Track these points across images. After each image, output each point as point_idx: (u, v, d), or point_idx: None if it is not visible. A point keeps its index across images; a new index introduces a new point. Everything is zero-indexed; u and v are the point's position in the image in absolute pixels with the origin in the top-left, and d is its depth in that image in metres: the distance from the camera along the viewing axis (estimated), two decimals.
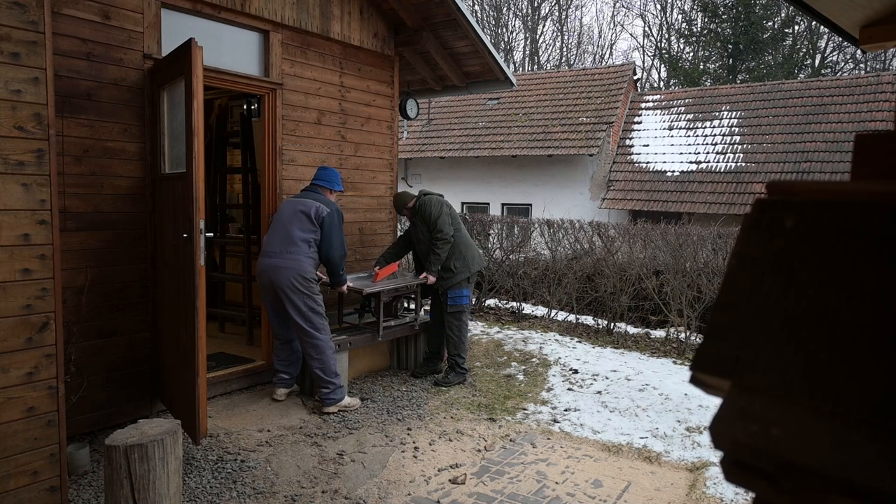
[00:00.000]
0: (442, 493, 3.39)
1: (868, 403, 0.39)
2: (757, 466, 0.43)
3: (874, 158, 0.54)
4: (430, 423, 4.33)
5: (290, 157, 4.89)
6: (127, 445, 2.43)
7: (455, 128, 15.53)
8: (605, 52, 30.14)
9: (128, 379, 3.91)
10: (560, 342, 6.53)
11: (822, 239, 0.44)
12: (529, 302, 8.22)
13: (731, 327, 0.47)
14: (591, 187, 13.86)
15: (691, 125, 13.97)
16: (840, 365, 0.41)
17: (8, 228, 2.50)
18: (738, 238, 0.49)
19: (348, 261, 5.46)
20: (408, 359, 5.56)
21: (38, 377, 2.63)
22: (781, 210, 0.47)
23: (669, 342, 6.58)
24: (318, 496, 3.32)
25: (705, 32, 23.29)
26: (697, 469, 3.76)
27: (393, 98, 5.82)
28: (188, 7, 4.13)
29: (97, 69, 3.66)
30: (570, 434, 4.26)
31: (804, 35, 22.74)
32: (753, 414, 0.44)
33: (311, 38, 4.98)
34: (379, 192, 5.76)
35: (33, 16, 2.53)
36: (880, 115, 12.13)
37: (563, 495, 3.40)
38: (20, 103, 2.51)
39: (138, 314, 3.94)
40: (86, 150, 3.64)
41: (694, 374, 0.49)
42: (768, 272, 0.46)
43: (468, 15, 5.49)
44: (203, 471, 3.47)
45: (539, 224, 8.44)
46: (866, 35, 2.62)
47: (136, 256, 3.91)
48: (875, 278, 0.41)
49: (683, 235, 7.11)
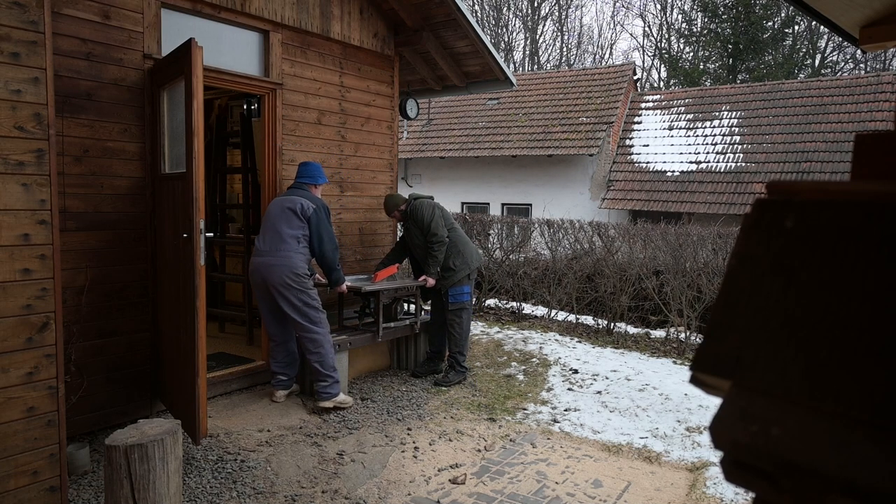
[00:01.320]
0: (442, 493, 3.39)
1: (868, 403, 0.39)
2: (757, 466, 0.43)
3: (874, 158, 0.54)
4: (430, 423, 4.33)
5: (290, 157, 4.88)
6: (127, 445, 2.43)
7: (455, 128, 15.53)
8: (605, 52, 30.15)
9: (128, 379, 3.91)
10: (560, 342, 6.53)
11: (822, 239, 0.44)
12: (529, 302, 8.22)
13: (731, 327, 0.47)
14: (591, 187, 13.86)
15: (691, 125, 13.97)
16: (840, 365, 0.41)
17: (8, 228, 2.50)
18: (738, 238, 0.49)
19: (348, 261, 5.46)
20: (408, 359, 5.56)
21: (38, 377, 2.63)
22: (781, 210, 0.47)
23: (669, 342, 6.58)
24: (318, 496, 3.32)
25: (705, 32, 23.29)
26: (697, 469, 3.76)
27: (393, 98, 5.82)
28: (188, 7, 4.13)
29: (97, 69, 3.66)
30: (570, 434, 4.26)
31: (804, 35, 22.74)
32: (753, 414, 0.44)
33: (311, 38, 4.97)
34: (379, 192, 5.76)
35: (33, 16, 2.53)
36: (880, 115, 12.13)
37: (563, 495, 3.40)
38: (20, 103, 2.51)
39: (138, 314, 3.94)
40: (86, 150, 3.64)
41: (694, 374, 0.49)
42: (768, 272, 0.46)
43: (468, 15, 5.49)
44: (203, 471, 3.47)
45: (539, 224, 8.44)
46: (866, 35, 2.62)
47: (136, 256, 3.91)
48: (875, 279, 0.41)
49: (683, 235, 7.11)
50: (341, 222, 5.39)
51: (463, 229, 8.55)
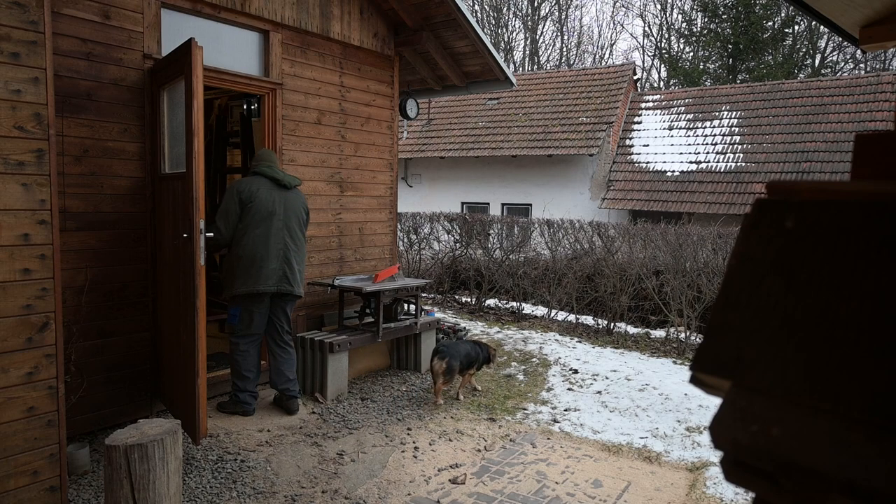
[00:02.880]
0: (442, 493, 3.39)
1: (868, 403, 0.39)
2: (757, 466, 0.43)
3: (874, 158, 0.54)
4: (430, 423, 4.33)
5: (290, 157, 4.89)
6: (127, 445, 2.43)
7: (455, 128, 15.52)
8: (605, 52, 30.14)
9: (128, 379, 3.91)
10: (560, 342, 6.54)
11: (822, 239, 0.44)
12: (529, 302, 8.22)
13: (730, 327, 0.47)
14: (591, 187, 13.86)
15: (691, 125, 13.96)
16: (840, 365, 0.41)
17: (8, 228, 2.50)
18: (738, 238, 0.49)
19: (348, 260, 5.47)
20: (408, 359, 5.57)
21: (38, 377, 2.63)
22: (781, 210, 0.47)
23: (669, 342, 6.58)
24: (318, 496, 3.32)
25: (705, 32, 23.28)
26: (697, 469, 3.76)
27: (393, 98, 5.82)
28: (188, 7, 4.13)
29: (97, 69, 3.66)
30: (570, 434, 4.26)
31: (804, 35, 22.73)
32: (753, 414, 0.44)
33: (311, 38, 4.98)
34: (379, 192, 5.76)
35: (33, 16, 2.53)
36: (880, 115, 12.13)
37: (563, 495, 3.40)
38: (20, 103, 2.51)
39: (138, 314, 3.94)
40: (86, 150, 3.64)
41: (694, 374, 0.49)
42: (768, 272, 0.46)
43: (468, 15, 5.49)
44: (203, 471, 3.47)
45: (539, 224, 8.44)
46: (866, 35, 2.62)
47: (136, 256, 3.91)
48: (875, 278, 0.41)
49: (683, 235, 7.11)
50: (341, 222, 5.39)
51: (462, 229, 8.20)
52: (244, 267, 3.99)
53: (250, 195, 4.01)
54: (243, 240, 4.00)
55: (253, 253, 3.99)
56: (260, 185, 4.08)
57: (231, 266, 4.06)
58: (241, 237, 4.01)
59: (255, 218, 4.00)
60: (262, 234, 4.01)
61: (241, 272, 4.00)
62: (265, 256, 4.01)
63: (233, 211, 4.00)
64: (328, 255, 5.27)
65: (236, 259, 4.02)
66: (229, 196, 4.05)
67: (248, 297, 4.03)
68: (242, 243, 4.00)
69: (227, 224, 4.00)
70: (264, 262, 4.00)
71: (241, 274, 4.00)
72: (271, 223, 4.05)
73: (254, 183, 4.07)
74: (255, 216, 4.01)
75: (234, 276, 4.02)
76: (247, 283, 3.99)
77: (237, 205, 4.00)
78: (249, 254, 3.99)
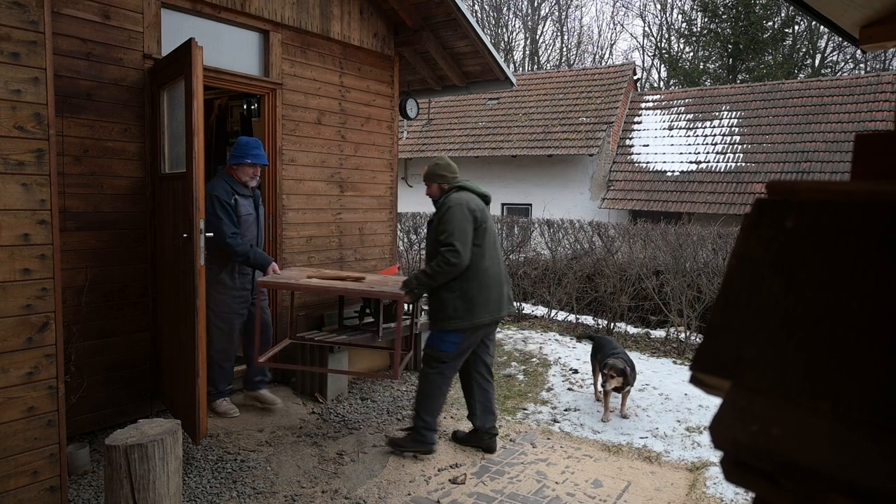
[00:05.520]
0: (442, 492, 3.39)
1: (868, 403, 0.39)
2: (757, 466, 0.43)
3: (874, 158, 0.54)
4: None
5: (290, 157, 4.89)
6: (127, 445, 2.43)
7: (455, 128, 15.52)
8: (604, 52, 30.14)
9: (128, 379, 3.91)
10: (560, 342, 6.54)
11: (822, 239, 0.44)
12: (529, 302, 8.22)
13: (730, 327, 0.47)
14: (591, 187, 13.86)
15: (691, 125, 13.97)
16: (840, 365, 0.41)
17: (8, 228, 2.50)
18: (738, 238, 0.49)
19: (348, 260, 5.46)
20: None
21: (38, 377, 2.63)
22: (781, 210, 0.47)
23: (669, 342, 6.58)
24: (318, 496, 3.32)
25: (705, 32, 23.27)
26: (697, 469, 3.76)
27: (393, 98, 5.82)
28: (188, 7, 4.13)
29: (97, 69, 3.66)
30: (570, 434, 4.26)
31: (804, 35, 22.73)
32: (753, 414, 0.44)
33: (310, 38, 4.97)
34: (379, 192, 5.76)
35: (33, 16, 2.53)
36: (880, 115, 12.13)
37: (563, 495, 3.40)
38: (20, 103, 2.51)
39: (138, 314, 3.94)
40: (86, 150, 3.64)
41: (694, 374, 0.49)
42: (768, 272, 0.46)
43: (468, 15, 5.49)
44: (203, 471, 3.47)
45: (539, 224, 8.44)
46: (866, 35, 2.62)
47: (136, 256, 3.91)
48: (875, 278, 0.41)
49: (683, 235, 7.12)
50: (341, 222, 5.38)
51: None
52: (479, 294, 3.59)
53: (483, 215, 3.64)
54: (482, 263, 3.59)
55: (489, 279, 3.62)
56: (476, 201, 3.69)
57: (466, 293, 3.58)
58: (478, 261, 3.58)
59: (488, 240, 3.65)
60: (494, 257, 3.68)
61: (481, 300, 3.59)
62: (499, 282, 3.70)
63: (470, 231, 3.55)
64: (328, 254, 5.27)
65: (471, 285, 3.57)
66: (461, 214, 3.54)
67: (474, 325, 3.65)
68: (482, 268, 3.59)
69: (467, 246, 3.51)
70: (494, 288, 3.65)
71: (482, 302, 3.59)
72: (496, 243, 3.74)
73: (472, 200, 3.66)
74: (489, 237, 3.67)
75: (474, 305, 3.57)
76: (484, 313, 3.60)
77: (472, 224, 3.57)
78: (485, 280, 3.60)
